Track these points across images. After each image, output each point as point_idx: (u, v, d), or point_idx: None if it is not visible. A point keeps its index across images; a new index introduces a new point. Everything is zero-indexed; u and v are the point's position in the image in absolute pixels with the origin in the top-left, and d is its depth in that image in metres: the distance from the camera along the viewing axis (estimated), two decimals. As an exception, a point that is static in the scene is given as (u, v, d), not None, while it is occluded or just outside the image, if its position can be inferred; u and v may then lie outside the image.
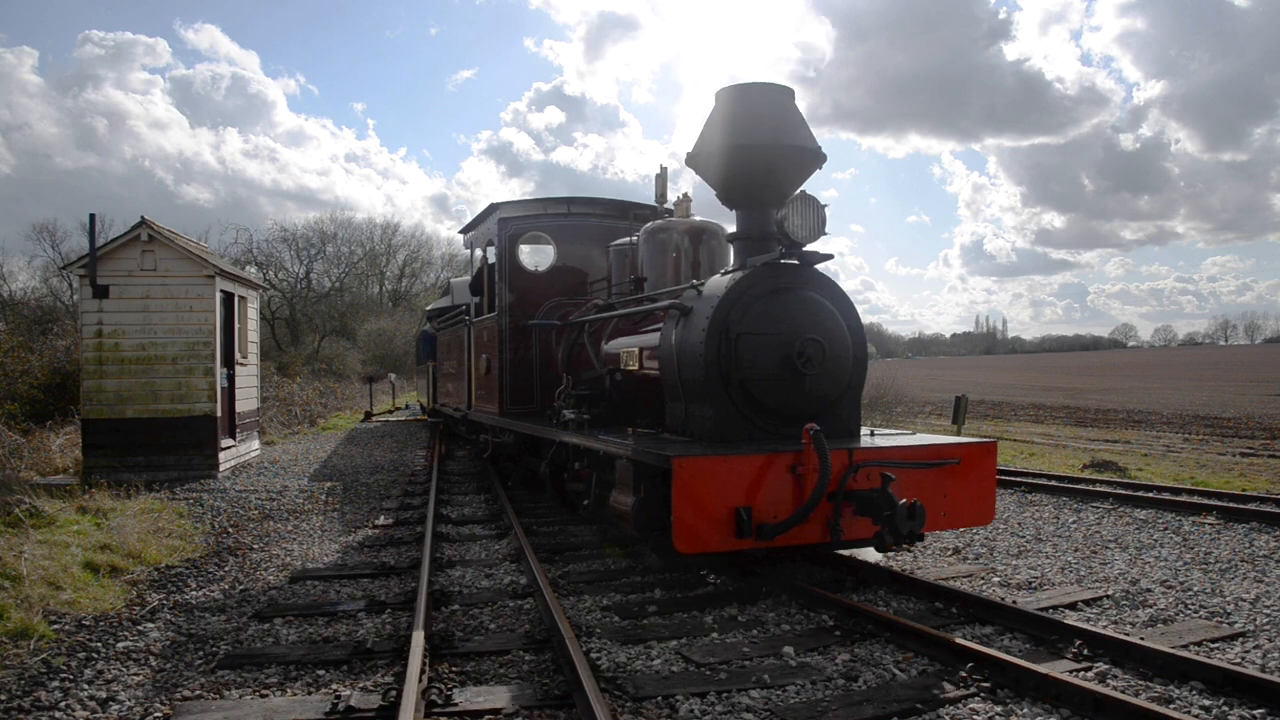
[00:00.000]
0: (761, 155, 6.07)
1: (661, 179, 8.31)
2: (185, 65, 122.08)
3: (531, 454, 9.11)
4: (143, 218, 11.64)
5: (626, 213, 9.97)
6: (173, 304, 11.57)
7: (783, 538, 5.09)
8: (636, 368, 7.11)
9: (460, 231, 11.87)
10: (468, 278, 18.70)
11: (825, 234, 5.86)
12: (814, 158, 6.24)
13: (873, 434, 6.31)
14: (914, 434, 6.62)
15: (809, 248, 5.91)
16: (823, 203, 5.79)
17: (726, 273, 6.21)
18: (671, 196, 8.36)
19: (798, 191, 5.91)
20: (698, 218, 8.05)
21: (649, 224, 8.07)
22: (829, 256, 6.06)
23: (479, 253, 11.00)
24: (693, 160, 6.47)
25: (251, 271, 40.60)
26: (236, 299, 12.94)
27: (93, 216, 12.58)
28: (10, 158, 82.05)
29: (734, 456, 5.08)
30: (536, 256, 10.48)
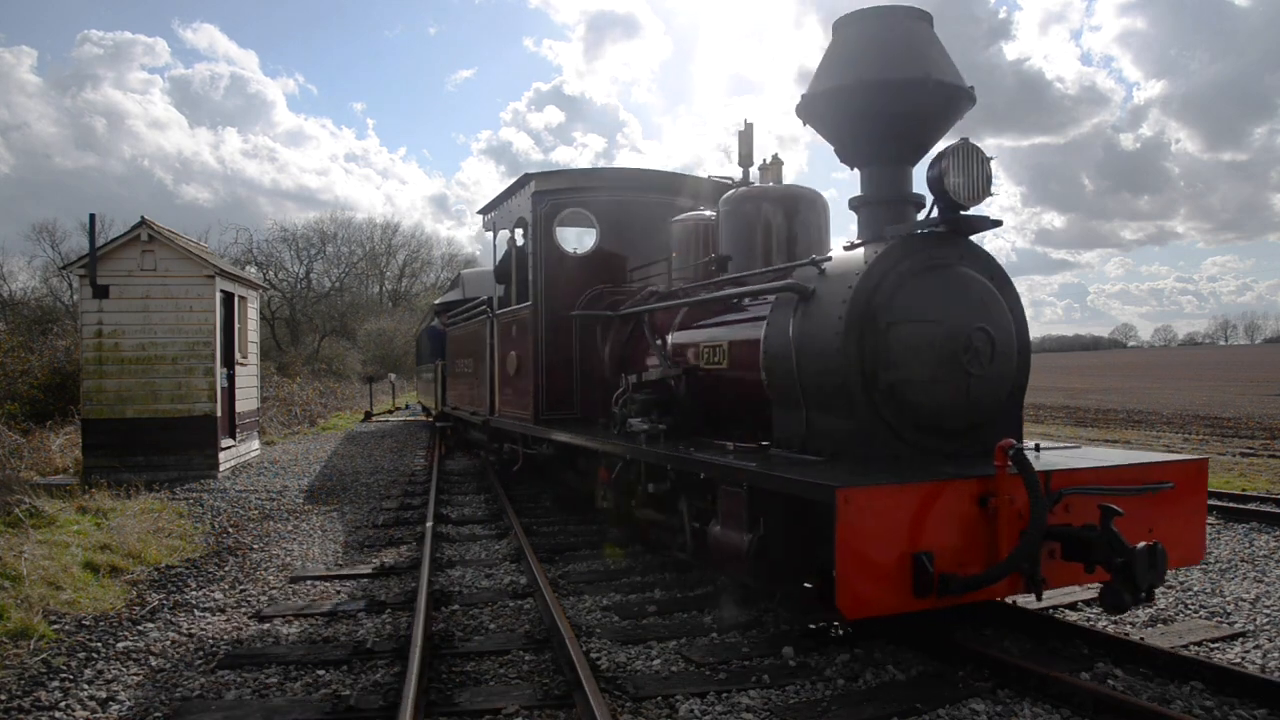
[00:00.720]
0: (900, 95, 4.82)
1: (747, 138, 7.05)
2: (184, 65, 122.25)
3: (571, 468, 7.99)
4: (143, 218, 11.66)
5: (683, 187, 8.77)
6: (173, 304, 11.58)
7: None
8: (725, 365, 5.93)
9: (480, 211, 10.56)
10: (481, 269, 18.22)
11: (992, 194, 4.66)
12: (963, 98, 4.99)
13: (1038, 449, 4.95)
14: (1079, 446, 5.37)
15: (971, 211, 4.74)
16: (988, 155, 4.63)
17: (855, 246, 5.05)
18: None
19: (958, 140, 4.64)
20: (782, 184, 6.78)
21: (732, 192, 6.77)
22: (997, 223, 4.84)
23: (505, 234, 9.68)
24: (807, 107, 5.26)
25: (251, 271, 40.62)
26: (236, 299, 12.95)
27: (93, 216, 12.64)
28: (9, 157, 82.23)
29: (911, 485, 3.93)
30: (577, 237, 9.16)
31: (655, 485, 5.81)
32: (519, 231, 9.17)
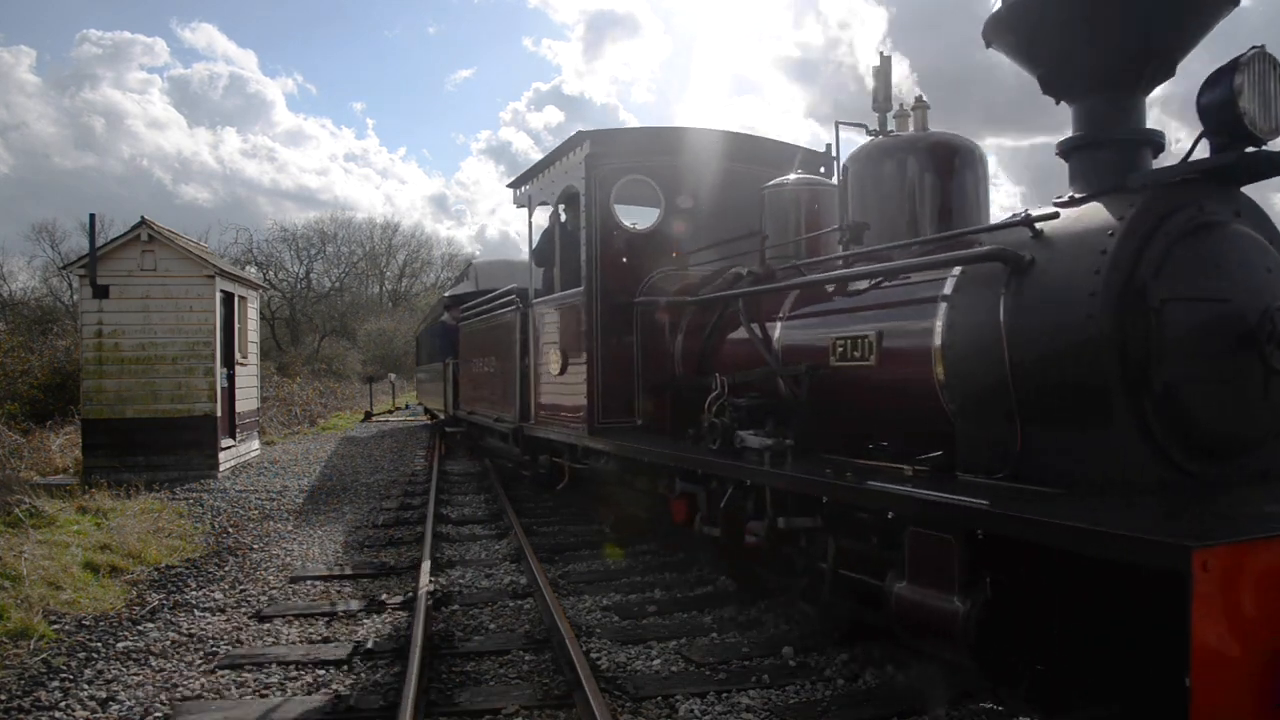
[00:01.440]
0: None
1: (884, 74, 5.48)
2: (183, 64, 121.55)
3: (629, 487, 6.61)
4: (143, 218, 11.68)
5: (768, 153, 7.48)
6: (173, 304, 11.58)
7: None
8: (873, 363, 4.56)
9: (511, 184, 9.27)
10: (494, 259, 17.48)
11: None
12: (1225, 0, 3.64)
13: None
14: None
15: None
16: None
17: (1079, 199, 3.75)
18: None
19: (1251, 50, 3.34)
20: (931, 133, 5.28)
21: (866, 145, 5.40)
22: None
23: (546, 209, 8.41)
24: (1002, 22, 3.97)
25: (251, 271, 40.63)
26: (236, 299, 12.96)
27: (92, 217, 12.65)
28: (9, 157, 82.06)
29: None
30: (638, 210, 7.76)
31: (788, 520, 4.51)
32: (562, 206, 8.07)
